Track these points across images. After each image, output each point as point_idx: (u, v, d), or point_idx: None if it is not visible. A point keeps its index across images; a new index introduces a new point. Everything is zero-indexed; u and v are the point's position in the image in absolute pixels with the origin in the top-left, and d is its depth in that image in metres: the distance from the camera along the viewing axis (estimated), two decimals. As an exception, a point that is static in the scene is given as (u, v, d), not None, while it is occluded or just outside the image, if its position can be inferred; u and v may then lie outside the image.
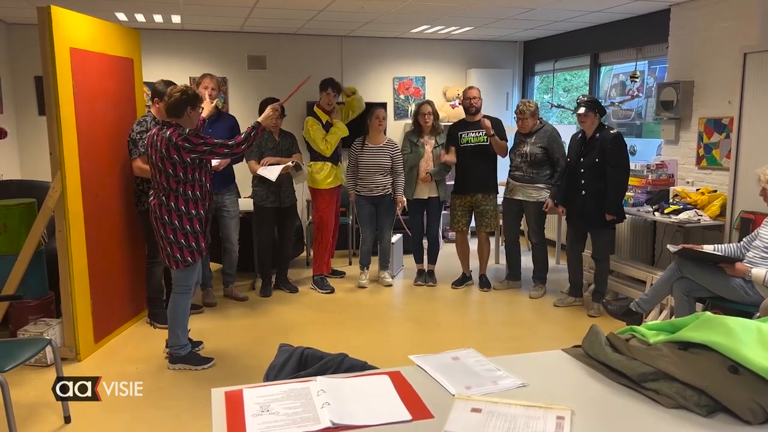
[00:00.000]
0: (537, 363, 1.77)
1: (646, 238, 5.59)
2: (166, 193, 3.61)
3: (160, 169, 3.58)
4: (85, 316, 4.00)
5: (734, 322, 1.53)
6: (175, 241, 3.65)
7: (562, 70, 7.81)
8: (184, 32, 7.07)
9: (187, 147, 3.53)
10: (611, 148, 4.62)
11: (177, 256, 3.67)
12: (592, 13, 5.93)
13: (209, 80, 4.90)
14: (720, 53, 5.00)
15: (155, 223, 3.69)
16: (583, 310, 5.01)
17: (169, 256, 3.69)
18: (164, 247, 3.69)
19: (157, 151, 3.57)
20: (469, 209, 5.50)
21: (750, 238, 3.80)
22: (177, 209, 3.62)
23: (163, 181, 3.59)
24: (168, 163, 3.55)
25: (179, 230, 3.63)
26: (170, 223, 3.63)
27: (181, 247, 3.66)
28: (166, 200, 3.61)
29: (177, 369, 3.83)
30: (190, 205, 3.64)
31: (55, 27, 3.71)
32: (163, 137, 3.54)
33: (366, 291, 5.60)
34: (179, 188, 3.59)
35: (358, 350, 3.94)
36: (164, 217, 3.63)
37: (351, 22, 6.56)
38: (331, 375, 1.66)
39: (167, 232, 3.64)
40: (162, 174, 3.58)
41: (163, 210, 3.63)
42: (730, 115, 4.80)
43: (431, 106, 5.50)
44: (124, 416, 3.22)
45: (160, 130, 3.59)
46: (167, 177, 3.58)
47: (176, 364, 3.85)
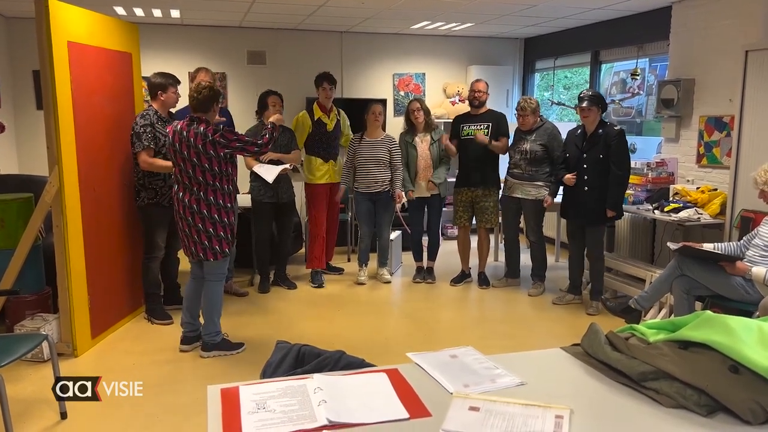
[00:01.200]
0: (536, 361, 1.76)
1: (646, 236, 5.58)
2: (204, 188, 3.71)
3: (195, 165, 3.67)
4: (82, 312, 3.99)
5: (735, 321, 1.51)
6: (215, 234, 3.77)
7: (562, 68, 7.79)
8: (183, 27, 7.04)
9: (222, 143, 3.66)
10: (616, 144, 4.61)
11: (216, 248, 3.80)
12: (593, 11, 5.91)
13: (204, 74, 4.88)
14: (721, 51, 4.98)
15: (190, 218, 3.74)
16: (582, 308, 5.00)
17: (206, 249, 3.79)
18: (200, 241, 3.77)
19: (190, 146, 3.65)
20: (470, 204, 5.49)
21: (750, 237, 3.79)
22: (216, 203, 3.74)
23: (199, 176, 3.69)
24: (204, 159, 3.66)
25: (218, 223, 3.77)
26: (209, 216, 3.74)
27: (220, 239, 3.79)
28: (204, 195, 3.71)
29: (212, 356, 3.93)
30: (226, 199, 3.78)
31: (52, 20, 3.68)
32: (197, 133, 3.64)
33: (364, 288, 5.59)
34: (216, 182, 3.71)
35: (356, 347, 3.92)
36: (203, 211, 3.73)
37: (351, 18, 6.54)
38: (328, 372, 1.64)
39: (206, 226, 3.75)
40: (198, 169, 3.68)
41: (201, 205, 3.72)
42: (731, 114, 4.78)
43: (420, 103, 5.49)
44: (121, 412, 3.21)
45: (189, 126, 3.68)
46: (204, 172, 3.68)
47: (211, 351, 3.95)
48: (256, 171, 5.02)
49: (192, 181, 3.71)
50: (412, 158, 5.48)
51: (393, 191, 5.47)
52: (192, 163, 3.67)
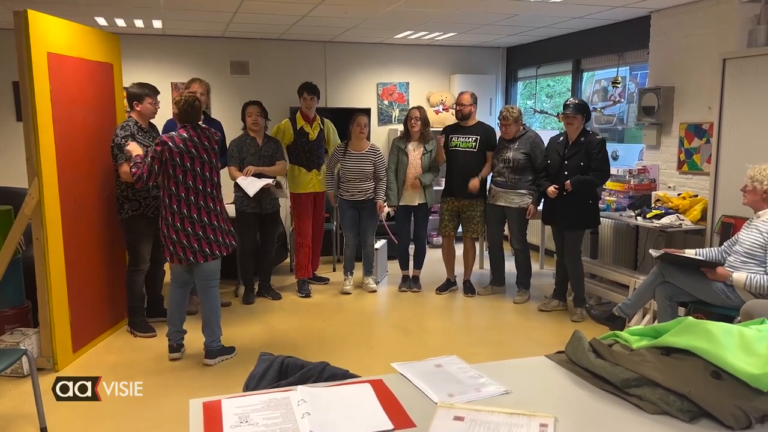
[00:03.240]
0: (520, 369, 1.76)
1: (629, 243, 5.63)
2: (217, 187, 3.93)
3: (213, 167, 3.89)
4: (62, 326, 3.93)
5: (716, 326, 1.52)
6: (228, 230, 3.97)
7: (544, 76, 7.86)
8: (166, 37, 7.01)
9: (217, 140, 3.98)
10: (597, 152, 4.68)
11: (228, 242, 3.97)
12: (574, 20, 5.97)
13: (198, 85, 4.86)
14: (700, 59, 5.06)
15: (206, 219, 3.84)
16: (568, 314, 5.02)
17: (221, 245, 3.90)
18: (216, 239, 3.89)
19: (208, 150, 3.85)
20: (456, 214, 5.50)
21: (730, 243, 3.83)
22: (221, 199, 4.00)
23: (215, 177, 3.91)
24: (215, 157, 3.92)
25: (227, 219, 4.02)
26: (221, 212, 3.94)
27: (231, 233, 4.01)
28: (217, 193, 3.94)
29: (218, 362, 3.99)
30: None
31: (32, 31, 3.65)
32: (209, 136, 3.89)
33: (350, 297, 5.57)
34: (219, 181, 3.98)
35: (341, 358, 3.91)
36: (218, 208, 3.92)
37: (334, 28, 6.55)
38: (312, 384, 1.63)
39: (220, 222, 3.92)
40: (214, 170, 3.91)
41: (216, 203, 3.92)
42: (710, 121, 4.85)
43: (420, 112, 5.47)
44: (103, 427, 3.16)
45: (199, 132, 3.83)
46: (217, 172, 3.96)
47: (216, 358, 4.00)
48: (239, 183, 5.00)
49: (208, 183, 3.86)
50: (402, 165, 5.48)
51: (375, 201, 5.47)
52: (211, 166, 3.87)
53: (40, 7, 3.88)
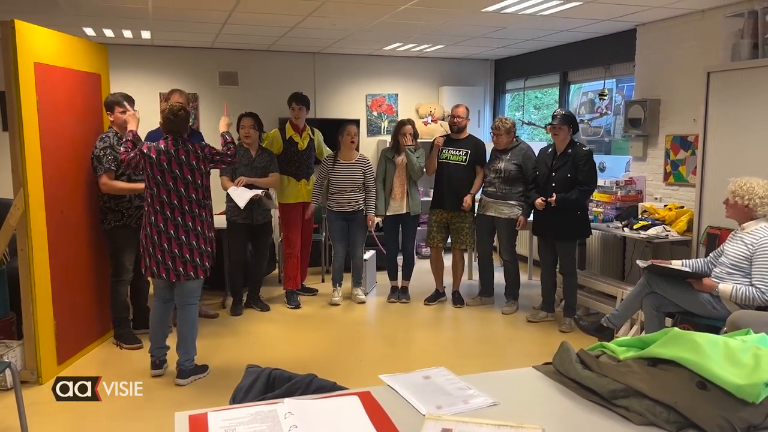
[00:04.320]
0: (508, 381, 1.76)
1: (616, 254, 5.66)
2: (197, 205, 3.73)
3: (189, 182, 3.69)
4: (47, 338, 3.88)
5: (702, 337, 1.53)
6: (206, 250, 3.80)
7: (532, 88, 7.93)
8: (154, 48, 7.01)
9: (208, 157, 3.77)
10: (584, 164, 4.71)
11: (206, 265, 3.81)
12: (561, 33, 6.03)
13: (178, 96, 4.84)
14: (685, 72, 5.12)
15: (183, 237, 3.69)
16: (556, 325, 5.03)
17: (197, 267, 3.77)
18: (191, 259, 3.73)
19: (182, 164, 3.67)
20: (445, 226, 5.51)
21: (716, 254, 3.86)
22: (207, 219, 3.79)
23: (192, 193, 3.71)
24: (198, 175, 3.71)
25: (210, 240, 3.82)
26: (202, 233, 3.76)
27: (209, 255, 3.83)
28: (199, 212, 3.74)
29: (189, 382, 3.85)
30: (210, 215, 3.85)
31: (19, 41, 3.63)
32: (188, 150, 3.69)
33: (338, 309, 5.55)
34: (206, 199, 3.78)
35: (329, 370, 3.89)
36: (198, 228, 3.74)
37: (323, 39, 6.57)
38: (300, 396, 1.62)
39: (200, 242, 3.75)
40: (191, 186, 3.70)
41: (197, 221, 3.73)
42: (695, 133, 4.91)
43: (413, 127, 5.51)
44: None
45: (176, 144, 3.68)
46: (197, 189, 3.72)
47: (188, 377, 3.86)
48: (230, 193, 4.99)
49: (184, 200, 3.69)
50: (390, 174, 5.50)
51: (366, 214, 5.47)
52: (185, 182, 3.68)
53: (28, 17, 3.86)
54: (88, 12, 5.20)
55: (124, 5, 4.92)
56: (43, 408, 3.47)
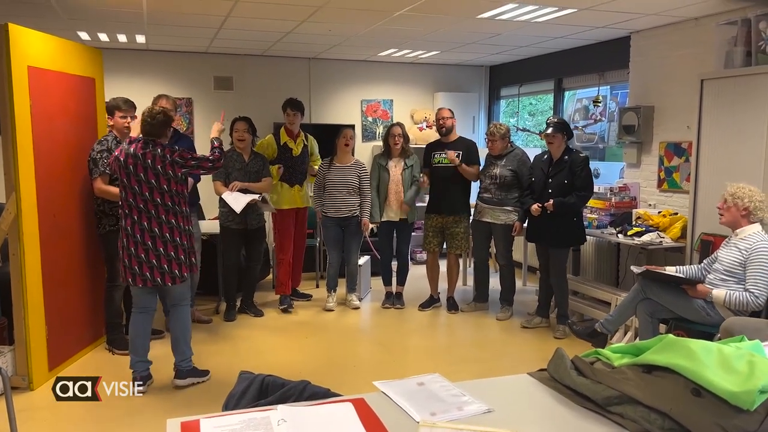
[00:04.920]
0: (503, 387, 1.75)
1: (611, 260, 5.67)
2: (165, 210, 3.64)
3: (154, 187, 3.60)
4: (39, 343, 3.85)
5: (696, 344, 1.53)
6: (175, 257, 3.69)
7: (527, 95, 7.95)
8: (149, 52, 6.99)
9: (179, 162, 3.63)
10: (581, 170, 4.72)
11: (175, 272, 3.71)
12: (556, 39, 6.06)
13: (165, 101, 4.83)
14: (678, 79, 5.15)
15: (150, 243, 3.63)
16: (550, 331, 5.03)
17: (165, 273, 3.69)
18: (159, 265, 3.66)
19: (148, 168, 3.58)
20: (440, 230, 5.51)
21: (710, 261, 3.87)
22: (177, 225, 3.68)
23: (157, 198, 3.62)
24: (164, 180, 3.61)
25: (180, 246, 3.70)
26: (171, 239, 3.67)
27: (180, 262, 3.71)
28: (166, 218, 3.65)
29: (187, 384, 3.84)
30: (185, 221, 3.73)
31: (12, 45, 3.61)
32: (155, 155, 3.59)
33: (333, 314, 5.53)
34: (176, 205, 3.67)
35: (323, 376, 3.87)
36: (165, 234, 3.65)
37: (318, 45, 6.58)
38: (293, 403, 1.61)
39: (168, 249, 3.67)
40: (156, 191, 3.61)
41: (164, 228, 3.65)
42: (689, 140, 4.93)
43: (402, 128, 5.52)
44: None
45: (145, 148, 3.60)
46: (163, 194, 3.62)
47: (186, 378, 3.86)
48: (225, 198, 4.97)
49: (149, 204, 3.61)
50: (384, 181, 5.50)
51: (360, 218, 5.47)
52: (150, 186, 3.59)
53: (22, 20, 3.85)
54: (83, 16, 5.19)
55: (119, 10, 4.92)
56: (34, 414, 3.44)
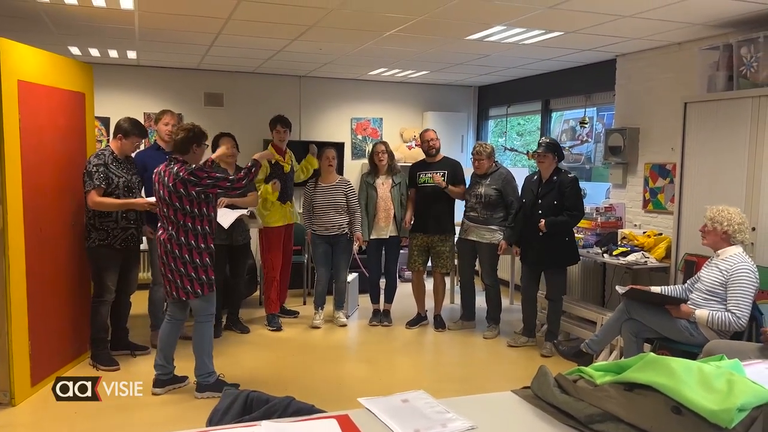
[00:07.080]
0: (487, 405, 1.76)
1: (597, 279, 5.70)
2: (176, 227, 3.74)
3: (168, 204, 3.73)
4: (21, 358, 3.80)
5: (677, 363, 1.55)
6: (185, 274, 3.79)
7: (514, 115, 8.04)
8: (140, 68, 7.01)
9: (192, 180, 3.70)
10: (569, 190, 4.76)
11: (187, 288, 3.81)
12: (544, 61, 6.15)
13: (169, 116, 4.87)
14: (662, 102, 5.24)
15: (165, 258, 3.78)
16: (536, 350, 5.04)
17: (178, 288, 3.81)
18: (173, 279, 3.79)
19: (164, 186, 3.73)
20: (425, 249, 5.53)
21: (693, 281, 3.91)
22: (187, 243, 3.76)
23: (171, 215, 3.74)
24: (175, 198, 3.70)
25: (190, 264, 3.78)
26: (180, 256, 3.76)
27: (191, 279, 3.80)
28: (176, 234, 3.75)
29: (205, 397, 3.87)
30: (199, 240, 3.80)
31: (2, 59, 3.62)
32: (171, 172, 3.73)
33: (319, 332, 5.51)
34: (189, 223, 3.74)
35: (309, 393, 3.85)
36: (174, 250, 3.76)
37: (309, 63, 6.63)
38: (277, 419, 1.61)
39: (177, 265, 3.77)
40: (170, 208, 3.74)
41: (173, 244, 3.75)
42: (673, 161, 5.00)
43: (385, 146, 5.59)
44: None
45: (167, 166, 3.76)
46: (176, 211, 3.73)
47: (204, 392, 3.91)
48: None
49: (167, 221, 3.77)
50: (372, 200, 5.52)
51: (352, 233, 5.48)
52: (167, 203, 3.74)
53: (13, 35, 3.86)
54: (75, 31, 5.21)
55: (111, 25, 4.94)
56: (16, 430, 3.39)
